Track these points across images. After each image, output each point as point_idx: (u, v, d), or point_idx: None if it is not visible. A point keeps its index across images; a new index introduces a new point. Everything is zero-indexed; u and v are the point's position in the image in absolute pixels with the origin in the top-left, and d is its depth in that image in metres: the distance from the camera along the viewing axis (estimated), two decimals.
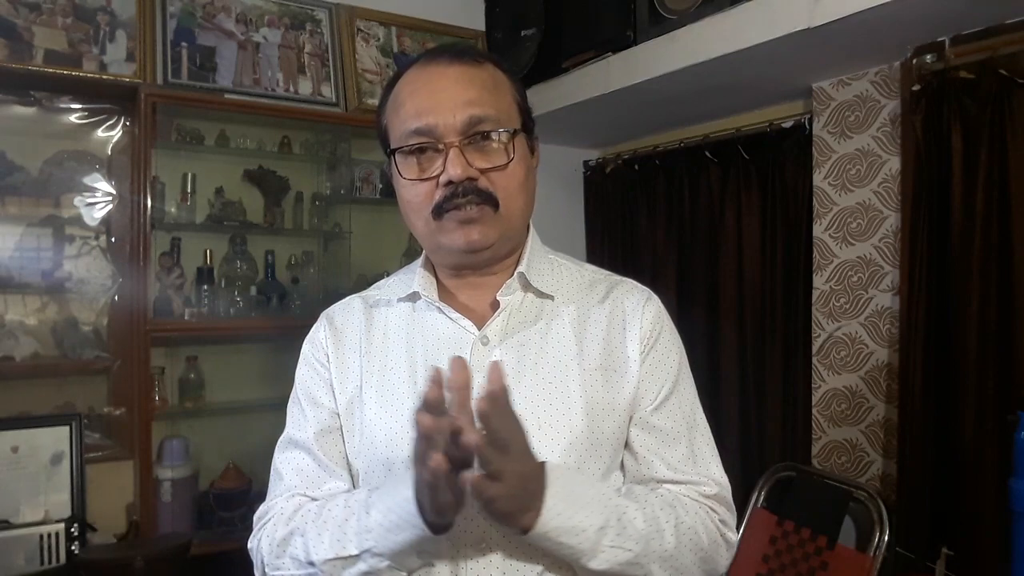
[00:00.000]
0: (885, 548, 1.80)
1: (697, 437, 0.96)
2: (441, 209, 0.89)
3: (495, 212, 0.89)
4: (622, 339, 0.95)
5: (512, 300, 0.95)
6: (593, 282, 1.01)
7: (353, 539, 0.82)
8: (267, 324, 2.34)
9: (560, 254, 1.05)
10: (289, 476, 0.96)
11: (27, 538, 1.86)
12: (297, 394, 1.01)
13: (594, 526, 0.80)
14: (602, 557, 0.81)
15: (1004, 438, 1.60)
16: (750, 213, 2.41)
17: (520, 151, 0.92)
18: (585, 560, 0.81)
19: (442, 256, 0.96)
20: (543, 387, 0.90)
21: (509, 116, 0.92)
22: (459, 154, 0.87)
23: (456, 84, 0.89)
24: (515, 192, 0.91)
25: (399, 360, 0.95)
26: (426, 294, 0.96)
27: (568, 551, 0.80)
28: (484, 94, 0.90)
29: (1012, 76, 1.68)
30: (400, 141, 0.91)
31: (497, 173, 0.89)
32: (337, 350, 0.99)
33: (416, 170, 0.90)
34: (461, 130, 0.88)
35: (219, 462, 2.27)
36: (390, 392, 0.93)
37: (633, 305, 0.98)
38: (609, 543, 0.81)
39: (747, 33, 1.85)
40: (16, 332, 2.12)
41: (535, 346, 0.93)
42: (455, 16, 2.79)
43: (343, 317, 1.02)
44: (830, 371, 2.13)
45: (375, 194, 2.58)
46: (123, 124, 2.25)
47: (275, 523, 0.92)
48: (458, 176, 0.86)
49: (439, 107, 0.88)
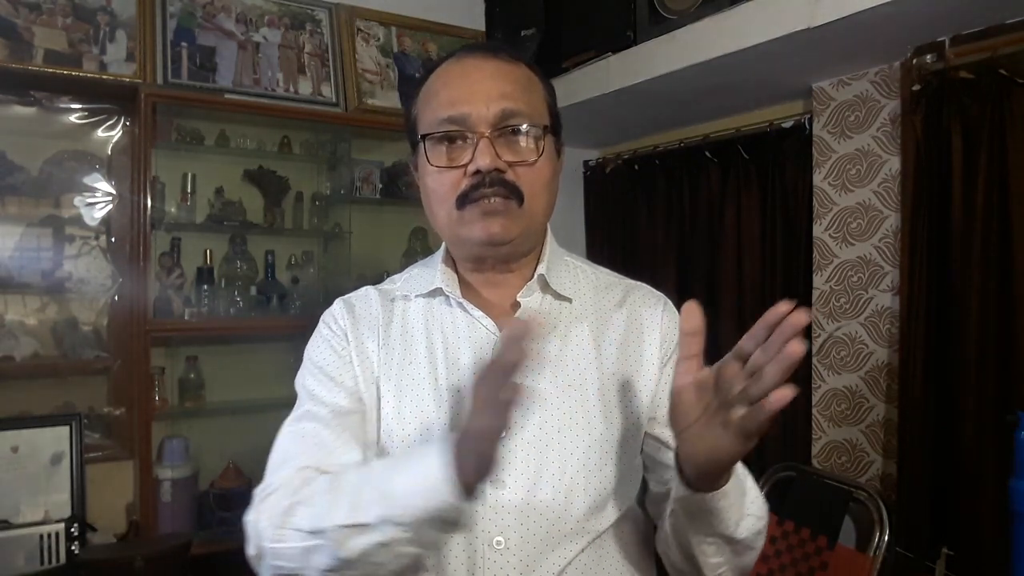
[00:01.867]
0: (885, 548, 1.80)
1: None
2: (466, 199, 0.88)
3: (519, 207, 0.89)
4: (639, 344, 0.95)
5: (531, 301, 0.95)
6: (609, 285, 1.01)
7: (371, 506, 0.74)
8: (267, 324, 2.34)
9: (574, 255, 1.05)
10: (299, 449, 0.88)
11: (27, 538, 1.86)
12: (311, 370, 0.95)
13: (741, 491, 0.80)
14: (744, 524, 0.81)
15: (1004, 438, 1.59)
16: (750, 213, 2.41)
17: (548, 151, 0.92)
18: (734, 525, 0.80)
19: (462, 248, 0.95)
20: (563, 390, 0.90)
21: (540, 115, 0.93)
22: (489, 145, 0.87)
23: (491, 78, 0.90)
24: (540, 190, 0.92)
25: (419, 356, 0.93)
26: (449, 290, 0.95)
27: (727, 514, 0.79)
28: (518, 90, 0.90)
29: (1012, 76, 1.68)
30: (431, 128, 0.91)
31: (524, 168, 0.89)
32: (356, 332, 0.96)
33: (445, 158, 0.90)
34: (493, 122, 0.88)
35: (219, 462, 2.27)
36: (409, 388, 0.92)
37: (650, 311, 0.98)
38: (749, 511, 0.81)
39: (747, 33, 1.85)
40: (16, 332, 2.12)
41: (555, 347, 0.93)
42: (455, 16, 2.79)
43: (362, 304, 1.00)
44: (830, 371, 2.12)
45: (375, 194, 2.58)
46: (123, 124, 2.25)
47: (280, 496, 0.83)
48: (487, 166, 0.87)
49: (473, 97, 0.88)
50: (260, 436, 0.84)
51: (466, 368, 0.90)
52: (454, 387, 0.90)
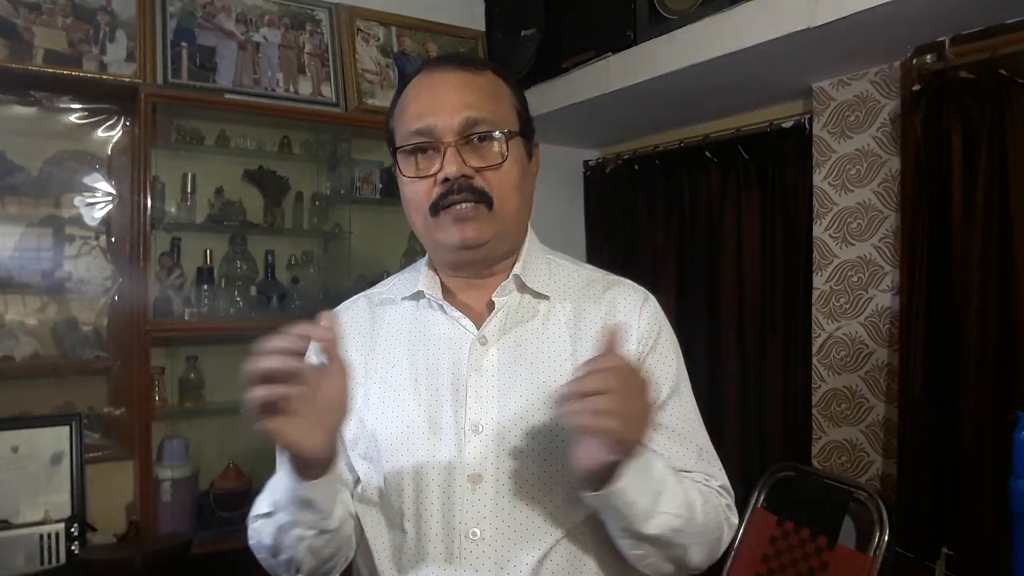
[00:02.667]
0: (885, 548, 1.80)
1: (699, 435, 0.98)
2: (437, 206, 0.92)
3: (489, 210, 0.93)
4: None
5: (508, 301, 0.97)
6: (590, 281, 1.03)
7: (267, 497, 0.89)
8: (267, 324, 2.30)
9: (559, 254, 1.07)
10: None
11: (27, 538, 1.86)
12: None
13: (653, 490, 0.81)
14: (655, 522, 0.82)
15: (1004, 438, 1.60)
16: (750, 213, 2.41)
17: (515, 153, 0.95)
18: (641, 522, 0.81)
19: (440, 253, 0.99)
20: (537, 385, 0.92)
21: (506, 120, 0.96)
22: (455, 153, 0.91)
23: (456, 89, 0.94)
24: (509, 192, 0.94)
25: (402, 358, 0.97)
26: (430, 293, 0.99)
27: (630, 511, 0.81)
28: (482, 98, 0.94)
29: (1012, 76, 1.68)
30: (403, 140, 0.95)
31: (492, 172, 0.93)
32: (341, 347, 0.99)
33: (415, 168, 0.94)
34: (458, 131, 0.92)
35: (219, 462, 2.27)
36: (393, 389, 0.96)
37: (629, 305, 0.99)
38: (663, 509, 0.82)
39: (747, 33, 1.85)
40: (16, 332, 2.12)
41: (531, 345, 0.95)
42: (455, 16, 2.79)
43: (348, 316, 1.04)
44: (830, 371, 2.13)
45: (375, 194, 2.58)
46: (123, 124, 2.25)
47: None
48: (453, 173, 0.90)
49: (439, 109, 0.92)
50: (260, 436, 0.86)
51: (445, 369, 0.94)
52: (433, 387, 0.94)
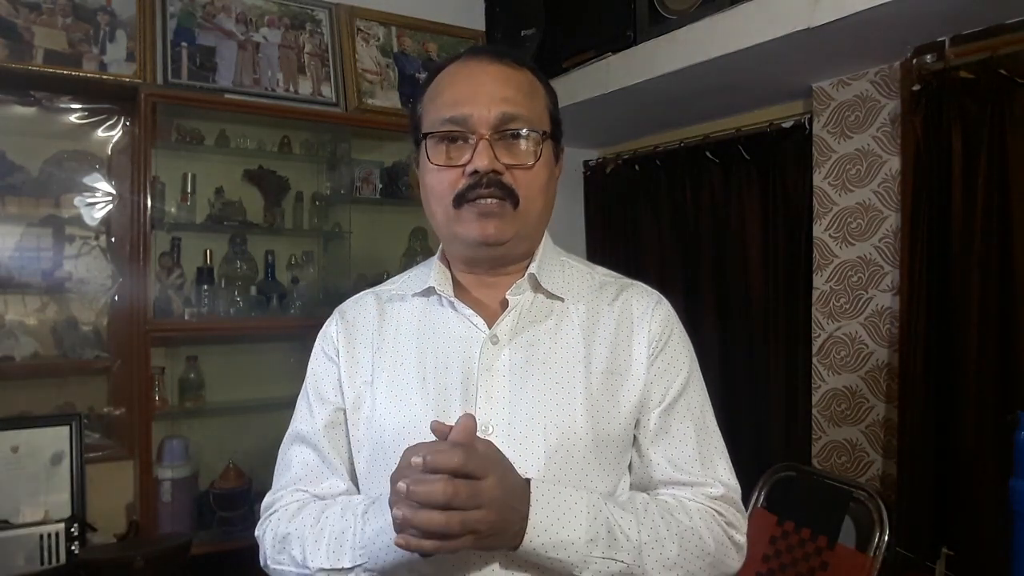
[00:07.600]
0: (885, 548, 1.80)
1: (706, 440, 0.97)
2: (462, 198, 0.90)
3: (514, 209, 0.91)
4: (629, 341, 0.96)
5: (522, 300, 0.96)
6: (603, 284, 1.02)
7: (348, 552, 0.85)
8: (267, 324, 2.34)
9: (572, 256, 1.06)
10: (294, 468, 0.99)
11: (27, 538, 1.86)
12: (307, 388, 1.03)
13: (582, 539, 0.81)
14: (593, 568, 0.82)
15: (1004, 438, 1.59)
16: (750, 213, 2.41)
17: (546, 156, 0.95)
18: (577, 572, 0.82)
19: (457, 248, 0.97)
20: (550, 387, 0.91)
21: (540, 120, 0.95)
22: (488, 146, 0.89)
23: (495, 81, 0.92)
24: (536, 193, 0.93)
25: (410, 355, 0.96)
26: (441, 289, 0.97)
27: (558, 564, 0.81)
28: (520, 95, 0.93)
29: (1012, 76, 1.67)
30: (433, 127, 0.93)
31: (521, 171, 0.91)
32: (348, 344, 1.00)
33: (444, 157, 0.92)
34: (493, 124, 0.90)
35: (219, 462, 2.27)
36: (400, 387, 0.94)
37: (642, 308, 0.98)
38: (600, 555, 0.82)
39: (747, 33, 1.85)
40: (16, 332, 2.12)
41: (544, 346, 0.94)
42: (455, 16, 2.79)
43: (355, 312, 1.03)
44: (830, 371, 2.13)
45: (375, 194, 2.58)
46: (123, 124, 2.25)
47: (279, 518, 0.95)
48: (484, 167, 0.89)
49: (476, 99, 0.90)
50: (260, 436, 0.86)
51: (455, 368, 0.93)
52: (441, 386, 0.92)
